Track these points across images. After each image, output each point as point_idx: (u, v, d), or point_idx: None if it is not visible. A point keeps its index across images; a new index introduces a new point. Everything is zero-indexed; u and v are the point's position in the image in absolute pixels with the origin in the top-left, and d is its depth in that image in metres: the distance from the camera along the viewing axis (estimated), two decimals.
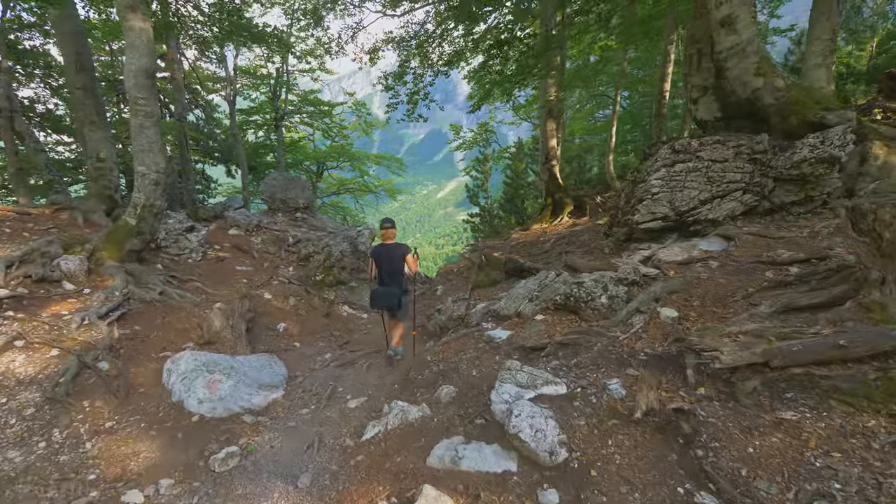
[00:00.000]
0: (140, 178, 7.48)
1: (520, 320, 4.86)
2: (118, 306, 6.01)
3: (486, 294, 7.43)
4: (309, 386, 4.95)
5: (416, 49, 14.13)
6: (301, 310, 8.24)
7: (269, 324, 7.24)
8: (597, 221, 8.88)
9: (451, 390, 3.85)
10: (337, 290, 9.56)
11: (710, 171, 4.78)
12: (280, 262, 10.24)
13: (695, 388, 2.69)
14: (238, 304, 6.79)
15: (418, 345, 6.47)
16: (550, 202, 12.25)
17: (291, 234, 12.26)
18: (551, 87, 12.60)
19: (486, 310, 5.80)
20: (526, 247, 10.31)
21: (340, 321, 8.51)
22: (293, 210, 14.10)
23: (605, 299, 4.14)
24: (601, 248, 7.20)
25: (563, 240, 8.92)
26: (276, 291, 8.52)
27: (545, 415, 2.76)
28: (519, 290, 5.11)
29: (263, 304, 7.90)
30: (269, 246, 11.15)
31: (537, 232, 11.60)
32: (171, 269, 8.26)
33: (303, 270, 9.87)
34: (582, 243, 7.92)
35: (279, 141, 20.17)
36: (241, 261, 9.87)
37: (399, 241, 5.59)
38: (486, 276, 7.86)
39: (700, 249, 4.48)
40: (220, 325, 5.81)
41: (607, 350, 3.30)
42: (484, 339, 4.72)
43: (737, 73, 5.14)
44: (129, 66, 7.25)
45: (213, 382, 4.18)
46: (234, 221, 11.99)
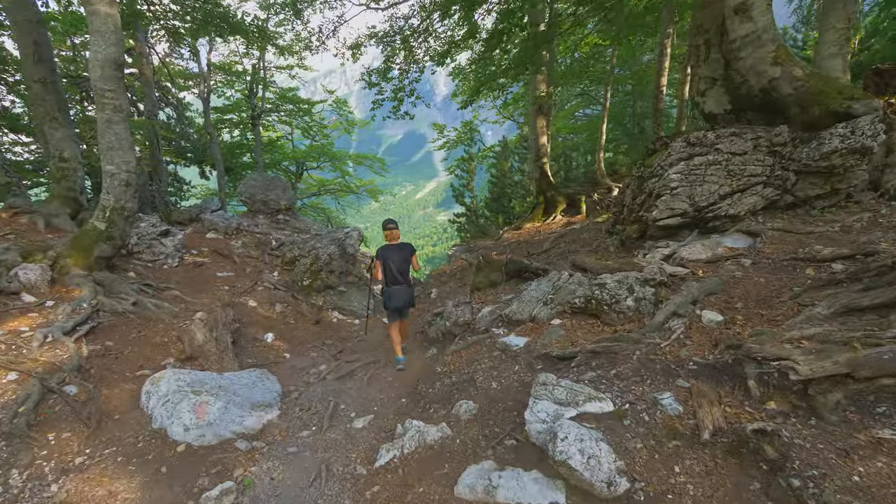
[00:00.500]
0: (109, 179, 6.85)
1: (535, 325, 4.53)
2: (86, 320, 5.42)
3: (486, 297, 7.09)
4: (306, 403, 4.50)
5: (401, 44, 13.69)
6: (289, 318, 7.73)
7: (255, 334, 6.72)
8: (595, 219, 8.66)
9: (471, 406, 3.48)
10: (326, 296, 9.07)
11: (730, 164, 4.56)
12: (264, 266, 9.68)
13: (761, 401, 2.40)
14: (221, 314, 6.25)
15: (419, 352, 6.09)
16: (542, 200, 12.01)
17: (274, 236, 11.67)
18: (541, 83, 12.38)
19: (493, 314, 5.46)
20: (521, 247, 10.03)
21: (331, 328, 8.03)
22: (274, 212, 13.47)
23: (631, 301, 3.84)
24: (605, 246, 6.95)
25: (562, 239, 8.66)
26: (262, 298, 7.98)
27: (595, 437, 2.42)
28: (531, 293, 4.78)
29: (248, 313, 7.36)
30: (251, 250, 10.55)
31: (530, 231, 11.33)
32: (146, 276, 7.64)
33: (288, 275, 9.33)
34: (584, 242, 7.67)
35: (256, 140, 19.41)
36: (222, 266, 9.26)
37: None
38: (486, 277, 7.52)
39: (725, 247, 4.25)
40: (203, 337, 5.29)
41: (648, 359, 2.99)
42: (498, 346, 4.37)
43: (752, 63, 4.95)
44: (94, 56, 6.63)
45: (201, 405, 3.69)
46: (211, 224, 11.33)
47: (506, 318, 4.82)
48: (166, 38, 13.90)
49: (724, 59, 5.84)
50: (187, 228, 11.68)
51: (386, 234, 5.50)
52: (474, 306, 6.33)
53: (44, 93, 8.65)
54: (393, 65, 13.55)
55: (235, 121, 21.11)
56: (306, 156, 22.89)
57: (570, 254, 7.33)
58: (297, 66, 21.06)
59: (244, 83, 19.74)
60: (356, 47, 14.69)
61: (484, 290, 7.49)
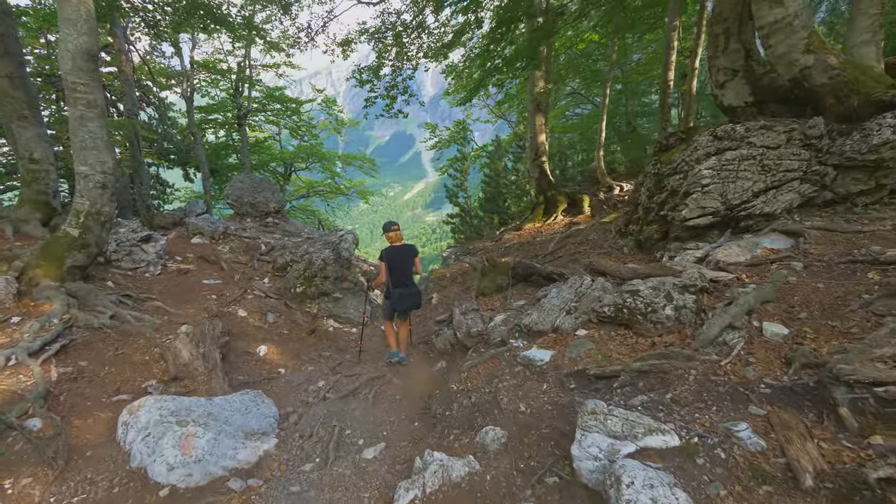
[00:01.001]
0: (83, 181, 6.29)
1: (558, 337, 4.12)
2: (57, 337, 4.88)
3: (493, 303, 6.68)
4: (307, 428, 4.03)
5: (394, 41, 13.24)
6: (282, 328, 7.23)
7: (246, 347, 6.21)
8: (602, 219, 8.31)
9: (499, 434, 3.06)
10: (320, 303, 8.57)
11: (764, 158, 4.23)
12: (253, 273, 9.14)
13: (862, 434, 2.03)
14: (209, 327, 5.74)
15: (426, 365, 5.66)
16: (543, 200, 11.65)
17: (264, 240, 11.12)
18: (539, 80, 12.03)
19: (508, 323, 5.05)
20: (524, 248, 9.64)
21: (328, 338, 7.55)
22: (263, 214, 12.91)
23: (669, 311, 3.46)
24: (618, 248, 6.59)
25: (569, 240, 8.29)
26: (252, 307, 7.47)
27: (668, 482, 2.02)
28: (552, 301, 4.38)
29: (238, 324, 6.85)
30: (240, 255, 10.00)
31: (531, 232, 10.97)
32: (125, 286, 7.07)
33: (280, 282, 8.81)
34: (593, 243, 7.30)
35: (243, 141, 18.77)
36: (208, 273, 8.71)
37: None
38: (492, 282, 7.11)
39: (765, 248, 3.91)
40: (190, 354, 4.78)
41: (709, 380, 2.60)
42: (520, 361, 3.95)
43: (782, 52, 4.63)
44: (65, 46, 6.07)
45: (187, 438, 3.21)
46: (197, 229, 10.74)
47: (524, 329, 4.41)
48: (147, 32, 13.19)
49: (745, 49, 5.52)
50: (170, 233, 11.08)
51: (389, 235, 5.44)
52: (483, 314, 5.92)
53: (11, 89, 8.01)
54: (385, 61, 13.09)
55: (221, 121, 20.42)
56: (294, 157, 22.27)
57: (579, 255, 6.96)
58: (285, 64, 20.44)
59: (229, 82, 19.07)
60: (346, 44, 14.20)
61: (490, 295, 7.08)
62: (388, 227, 5.48)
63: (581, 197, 11.24)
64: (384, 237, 5.56)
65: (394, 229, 5.44)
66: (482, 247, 11.26)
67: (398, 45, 13.12)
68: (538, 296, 5.14)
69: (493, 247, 10.88)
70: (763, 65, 5.35)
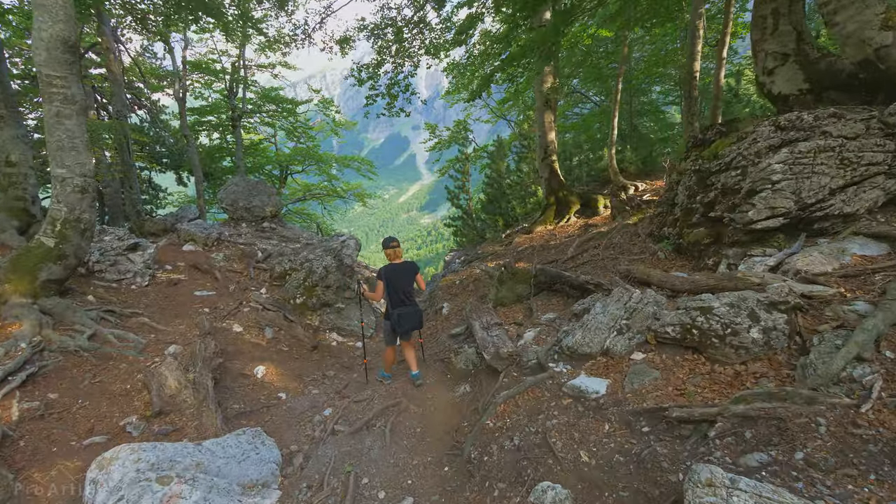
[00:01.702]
0: (59, 185, 5.65)
1: (610, 361, 3.52)
2: (24, 365, 4.24)
3: (514, 314, 6.08)
4: (315, 475, 3.41)
5: (394, 36, 12.66)
6: (282, 344, 6.59)
7: (242, 368, 5.57)
8: (625, 221, 7.73)
9: (561, 495, 2.45)
10: (322, 315, 7.95)
11: (844, 150, 3.67)
12: (249, 282, 8.50)
13: None
14: (200, 347, 5.11)
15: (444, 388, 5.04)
16: (553, 201, 11.07)
17: (260, 247, 10.48)
18: (548, 76, 11.48)
19: (541, 341, 4.45)
20: (538, 253, 9.05)
21: (331, 354, 6.92)
22: (259, 219, 12.26)
23: (756, 333, 2.87)
24: (651, 252, 6.01)
25: (589, 243, 7.70)
26: (249, 321, 6.83)
27: None
28: (598, 318, 3.77)
29: (233, 341, 6.21)
30: (235, 263, 9.35)
31: (543, 234, 10.38)
32: (108, 300, 6.42)
33: (278, 292, 8.18)
34: (620, 248, 6.72)
35: (237, 143, 18.10)
36: (201, 283, 8.06)
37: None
38: (511, 291, 6.52)
39: (854, 255, 3.34)
40: (177, 382, 4.15)
41: (849, 434, 2.01)
42: (567, 391, 3.35)
43: (852, 29, 4.09)
44: (38, 35, 5.45)
45: (171, 500, 2.58)
46: (189, 235, 10.09)
47: (566, 351, 3.80)
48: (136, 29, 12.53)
49: (796, 31, 4.96)
50: (161, 240, 10.42)
51: (388, 252, 5.21)
52: (507, 328, 5.32)
53: None
54: (386, 58, 12.50)
55: (215, 123, 19.74)
56: (290, 159, 21.61)
57: (607, 262, 6.37)
58: (280, 64, 19.82)
59: (223, 83, 18.40)
60: (345, 42, 13.63)
61: (509, 305, 6.48)
62: (387, 243, 5.22)
63: (594, 197, 10.67)
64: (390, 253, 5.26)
65: (393, 246, 5.19)
66: (491, 251, 10.67)
67: (399, 42, 12.54)
68: (575, 310, 4.54)
69: (504, 251, 10.28)
70: (818, 48, 4.81)
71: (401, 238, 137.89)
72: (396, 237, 5.39)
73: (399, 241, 5.34)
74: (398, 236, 6.71)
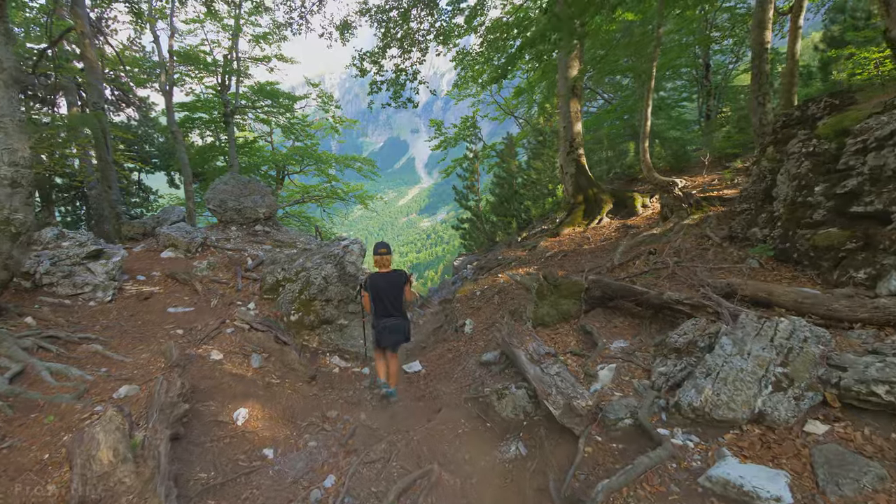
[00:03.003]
0: None
1: (769, 435, 2.28)
2: None
3: (561, 338, 4.84)
4: None
5: (401, 18, 11.45)
6: (271, 374, 5.33)
7: (218, 412, 4.31)
8: (683, 221, 6.49)
9: None
10: (321, 334, 6.68)
11: None
12: (236, 295, 7.24)
13: None
14: (160, 388, 3.85)
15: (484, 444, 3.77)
16: (582, 200, 9.84)
17: (250, 253, 9.23)
18: (573, 61, 10.27)
19: (621, 384, 3.21)
20: (572, 259, 7.80)
21: (332, 384, 5.65)
22: (251, 222, 11.01)
23: None
24: (737, 259, 4.76)
25: (639, 248, 6.46)
26: (231, 346, 5.57)
27: None
28: (734, 362, 2.53)
29: (210, 373, 4.94)
30: (220, 272, 8.10)
31: (573, 237, 9.13)
32: (54, 322, 5.17)
33: (270, 307, 6.92)
34: (689, 254, 5.47)
35: (230, 141, 16.86)
36: (178, 298, 6.81)
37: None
38: (553, 307, 5.27)
39: None
40: (113, 454, 2.88)
41: None
42: (713, 489, 2.09)
43: None
44: None
45: None
46: (169, 240, 8.83)
47: (688, 413, 2.55)
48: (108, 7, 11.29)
49: None
50: (137, 246, 9.17)
51: (375, 259, 5.02)
52: (562, 358, 4.08)
53: None
54: (391, 43, 11.29)
55: (206, 119, 18.50)
56: (288, 158, 20.37)
57: (671, 270, 5.12)
58: (277, 57, 18.65)
59: (215, 76, 17.17)
60: (346, 27, 12.42)
61: (553, 326, 5.24)
62: (375, 249, 4.98)
63: (630, 195, 9.44)
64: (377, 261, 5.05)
65: (381, 253, 4.92)
66: (513, 256, 9.41)
67: (405, 22, 11.33)
68: (674, 343, 3.27)
69: (528, 256, 9.03)
70: None
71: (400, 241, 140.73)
72: (387, 244, 5.05)
73: (389, 249, 5.02)
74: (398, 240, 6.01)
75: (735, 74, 19.47)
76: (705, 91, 17.93)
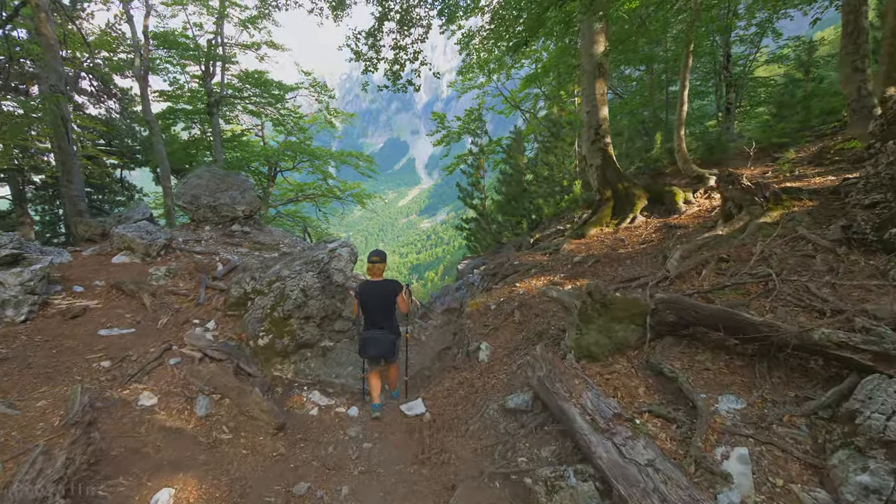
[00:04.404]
0: None
1: None
2: None
3: (623, 383, 3.46)
4: None
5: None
6: (221, 426, 3.93)
7: (126, 498, 2.91)
8: (756, 219, 5.10)
9: None
10: (298, 362, 5.30)
11: None
12: (195, 311, 5.84)
13: None
14: (28, 473, 2.47)
15: None
16: (609, 196, 8.44)
17: (223, 257, 7.84)
18: (599, 35, 8.89)
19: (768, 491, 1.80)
20: (608, 266, 6.42)
21: (308, 436, 4.26)
22: (228, 221, 9.61)
23: None
24: (872, 272, 3.37)
25: (702, 254, 5.06)
26: (171, 384, 4.18)
27: None
28: None
29: (131, 427, 3.56)
30: (181, 280, 6.70)
31: (602, 239, 7.74)
32: None
33: (235, 326, 5.53)
34: (789, 264, 4.07)
35: (215, 133, 15.48)
36: (118, 314, 5.41)
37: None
38: (604, 333, 3.90)
39: None
40: None
41: None
42: None
43: None
44: None
45: None
46: (123, 242, 7.44)
47: None
48: None
49: None
50: (87, 249, 7.78)
51: (368, 267, 4.82)
52: (639, 421, 2.70)
53: None
54: (390, 14, 9.91)
55: (189, 111, 17.11)
56: (280, 154, 18.98)
57: (764, 284, 3.73)
58: (267, 44, 17.28)
59: (198, 62, 15.78)
60: (340, 5, 11.02)
61: (604, 359, 3.85)
62: (369, 257, 4.78)
63: (669, 190, 8.04)
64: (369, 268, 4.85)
65: (373, 261, 4.75)
66: (531, 261, 8.01)
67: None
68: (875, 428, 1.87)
69: (549, 262, 7.63)
70: None
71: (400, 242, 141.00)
72: (381, 251, 4.88)
73: (382, 257, 4.83)
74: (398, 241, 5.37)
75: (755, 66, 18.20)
76: (725, 83, 16.58)
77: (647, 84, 17.92)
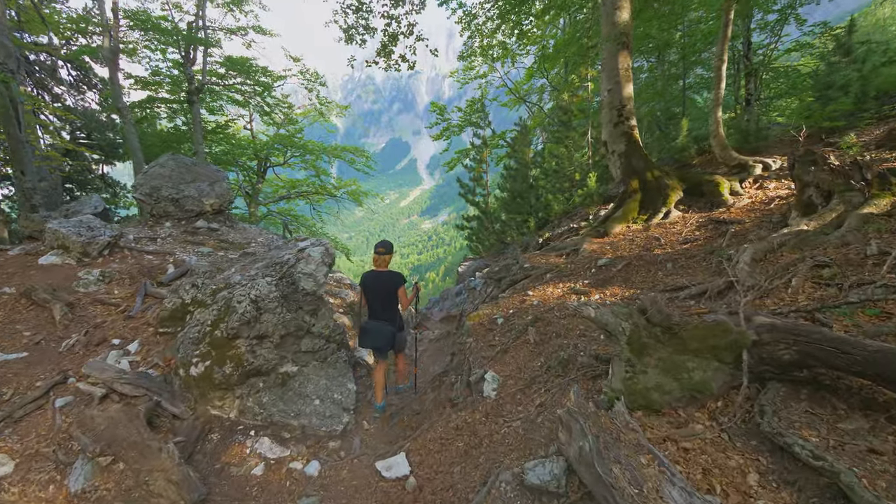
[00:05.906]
0: None
1: None
2: None
3: (708, 453, 2.17)
4: None
5: None
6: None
7: None
8: (858, 210, 3.82)
9: None
10: (246, 395, 4.02)
11: None
12: (122, 326, 4.58)
13: None
14: None
15: None
16: (637, 186, 7.17)
17: (177, 258, 6.58)
18: (622, 1, 7.62)
19: None
20: (644, 270, 5.14)
21: None
22: (193, 216, 8.36)
23: None
24: None
25: (780, 254, 3.79)
26: (45, 440, 2.93)
27: None
28: None
29: None
30: (117, 286, 5.45)
31: (632, 238, 6.46)
32: None
33: (165, 346, 4.26)
34: None
35: (195, 123, 14.24)
36: (12, 333, 4.16)
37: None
38: (671, 374, 2.66)
39: None
40: None
41: None
42: None
43: None
44: None
45: None
46: (57, 239, 6.20)
47: None
48: None
49: None
50: (17, 248, 6.54)
51: (373, 257, 4.67)
52: None
53: None
54: None
55: (168, 98, 15.87)
56: (269, 147, 17.73)
57: None
58: (254, 28, 16.04)
59: (177, 47, 14.53)
60: None
61: (673, 412, 2.57)
62: (375, 247, 4.68)
63: (710, 179, 6.75)
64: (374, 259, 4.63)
65: (378, 252, 4.61)
66: (545, 263, 6.73)
67: None
68: None
69: (568, 266, 6.33)
70: None
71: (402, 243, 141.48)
72: (388, 242, 4.72)
73: (388, 248, 4.68)
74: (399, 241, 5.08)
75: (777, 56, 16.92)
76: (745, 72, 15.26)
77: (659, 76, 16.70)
